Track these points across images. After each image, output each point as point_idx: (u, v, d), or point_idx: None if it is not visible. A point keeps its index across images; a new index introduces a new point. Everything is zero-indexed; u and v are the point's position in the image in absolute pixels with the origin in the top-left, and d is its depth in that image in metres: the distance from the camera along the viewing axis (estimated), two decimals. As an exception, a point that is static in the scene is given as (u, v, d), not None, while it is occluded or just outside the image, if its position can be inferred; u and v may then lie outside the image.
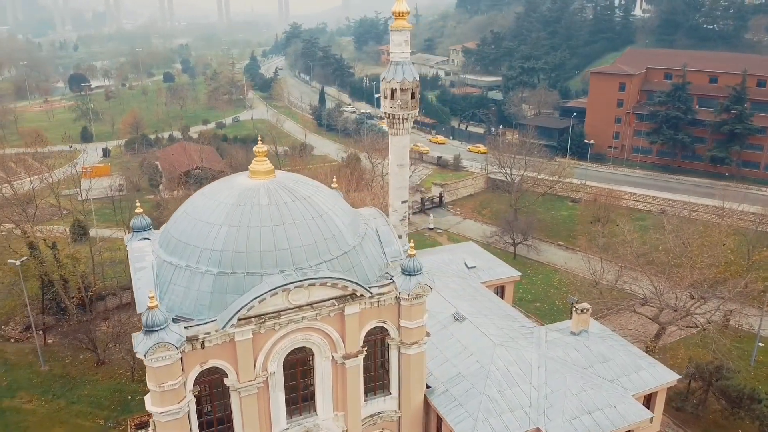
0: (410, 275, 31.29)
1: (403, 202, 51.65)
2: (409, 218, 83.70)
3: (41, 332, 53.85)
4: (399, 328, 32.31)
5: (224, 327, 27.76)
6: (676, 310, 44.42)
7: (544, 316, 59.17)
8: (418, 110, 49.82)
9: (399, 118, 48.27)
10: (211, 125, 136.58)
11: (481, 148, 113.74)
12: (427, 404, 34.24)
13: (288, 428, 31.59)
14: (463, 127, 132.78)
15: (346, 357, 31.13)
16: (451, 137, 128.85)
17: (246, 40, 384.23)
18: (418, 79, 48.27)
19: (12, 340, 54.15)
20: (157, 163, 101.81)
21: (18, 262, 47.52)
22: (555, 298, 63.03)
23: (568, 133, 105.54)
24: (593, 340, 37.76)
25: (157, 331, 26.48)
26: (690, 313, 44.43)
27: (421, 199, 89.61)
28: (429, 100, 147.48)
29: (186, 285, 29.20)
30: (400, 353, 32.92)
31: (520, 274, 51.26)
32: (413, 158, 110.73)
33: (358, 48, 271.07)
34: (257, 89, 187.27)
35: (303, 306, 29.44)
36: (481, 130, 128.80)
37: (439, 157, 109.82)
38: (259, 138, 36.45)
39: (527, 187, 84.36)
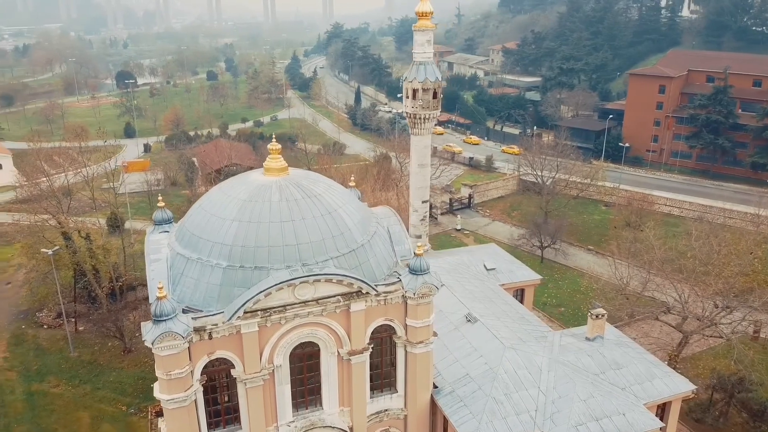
0: (417, 274, 31.36)
1: (424, 201, 51.79)
2: (437, 219, 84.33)
3: (73, 320, 55.92)
4: (405, 326, 32.42)
5: (230, 319, 28.43)
6: (699, 319, 43.18)
7: (568, 321, 58.26)
8: (439, 110, 49.83)
9: (420, 118, 48.45)
10: (249, 123, 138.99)
11: (516, 149, 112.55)
12: (434, 404, 34.28)
13: (294, 421, 32.09)
14: (498, 127, 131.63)
15: (352, 353, 31.44)
16: (486, 138, 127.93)
17: (290, 40, 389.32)
18: (440, 79, 48.30)
19: (45, 327, 56.42)
20: (193, 159, 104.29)
21: (50, 252, 49.52)
22: (580, 304, 61.95)
23: (605, 136, 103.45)
24: (608, 347, 37.10)
25: (164, 320, 27.29)
26: (714, 323, 43.12)
27: (450, 199, 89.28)
28: (465, 100, 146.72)
29: (197, 277, 29.98)
30: (406, 352, 33.04)
31: (540, 277, 50.68)
32: (445, 158, 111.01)
33: (399, 48, 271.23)
34: (296, 88, 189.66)
35: (309, 301, 29.87)
36: (516, 131, 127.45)
37: (471, 158, 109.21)
38: (273, 136, 37.06)
39: (559, 190, 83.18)
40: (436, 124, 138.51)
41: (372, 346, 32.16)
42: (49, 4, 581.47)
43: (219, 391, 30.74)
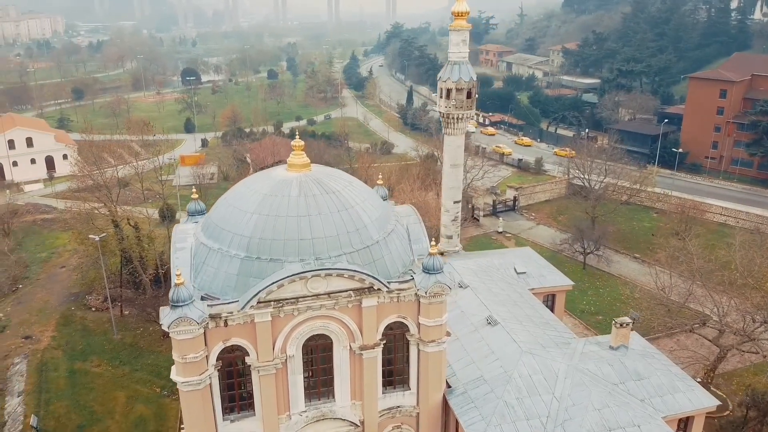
0: (430, 273, 31.44)
1: (455, 202, 51.71)
2: (478, 220, 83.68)
3: (118, 304, 58.80)
4: (418, 325, 32.58)
5: (243, 308, 29.41)
6: (736, 334, 41.30)
7: (604, 329, 56.59)
8: (474, 110, 49.60)
9: (453, 118, 48.40)
10: (303, 122, 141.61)
11: (569, 151, 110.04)
12: (446, 403, 34.29)
13: (306, 411, 32.81)
14: (552, 129, 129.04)
15: (363, 348, 31.89)
16: (539, 140, 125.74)
17: (351, 39, 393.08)
18: (475, 79, 48.05)
19: (93, 309, 59.59)
20: (246, 155, 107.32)
21: (98, 238, 52.29)
22: (620, 313, 59.93)
23: (659, 141, 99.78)
24: (631, 357, 36.07)
25: (181, 306, 28.48)
26: (752, 338, 41.13)
27: (494, 201, 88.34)
28: (520, 101, 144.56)
29: (217, 266, 31.15)
30: (419, 350, 33.19)
31: (572, 283, 49.66)
32: (493, 159, 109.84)
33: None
34: (352, 88, 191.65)
35: (321, 295, 30.49)
36: (570, 134, 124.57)
37: (520, 160, 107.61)
38: (297, 134, 37.90)
39: (608, 195, 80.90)
40: (487, 125, 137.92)
41: (384, 342, 32.52)
42: (124, 3, 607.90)
43: (234, 377, 31.80)
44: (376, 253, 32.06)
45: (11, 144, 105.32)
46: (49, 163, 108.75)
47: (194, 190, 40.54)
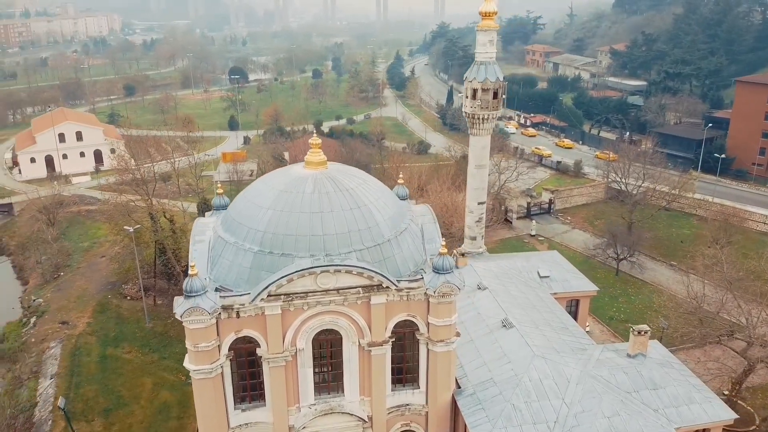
0: (439, 273, 31.52)
1: (480, 203, 51.45)
2: (512, 222, 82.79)
3: (152, 294, 60.79)
4: (428, 324, 32.68)
5: (254, 300, 30.18)
6: (764, 346, 39.79)
7: (632, 337, 55.37)
8: (500, 111, 49.24)
9: (479, 119, 48.17)
10: (343, 121, 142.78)
11: (611, 155, 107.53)
12: (455, 404, 34.26)
13: (315, 404, 33.40)
14: (595, 131, 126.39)
15: (372, 344, 32.22)
16: (581, 142, 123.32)
17: (398, 39, 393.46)
18: (501, 79, 47.69)
19: (128, 298, 61.82)
20: (285, 152, 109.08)
21: (132, 230, 54.23)
22: (650, 321, 58.34)
23: (703, 146, 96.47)
24: (648, 365, 35.25)
25: (193, 296, 29.44)
26: (782, 352, 39.55)
27: (528, 203, 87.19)
28: (563, 102, 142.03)
29: (231, 259, 32.06)
30: (428, 349, 33.30)
31: (596, 288, 48.75)
32: (532, 161, 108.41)
33: (504, 48, 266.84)
34: (394, 87, 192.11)
35: (330, 290, 30.98)
36: (614, 137, 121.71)
37: (559, 162, 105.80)
38: (314, 131, 38.43)
39: (649, 200, 78.77)
40: (528, 126, 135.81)
41: (393, 339, 32.76)
42: (179, 2, 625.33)
43: (245, 368, 32.58)
44: (386, 251, 32.35)
45: (62, 137, 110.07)
46: (98, 156, 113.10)
47: (219, 185, 41.61)
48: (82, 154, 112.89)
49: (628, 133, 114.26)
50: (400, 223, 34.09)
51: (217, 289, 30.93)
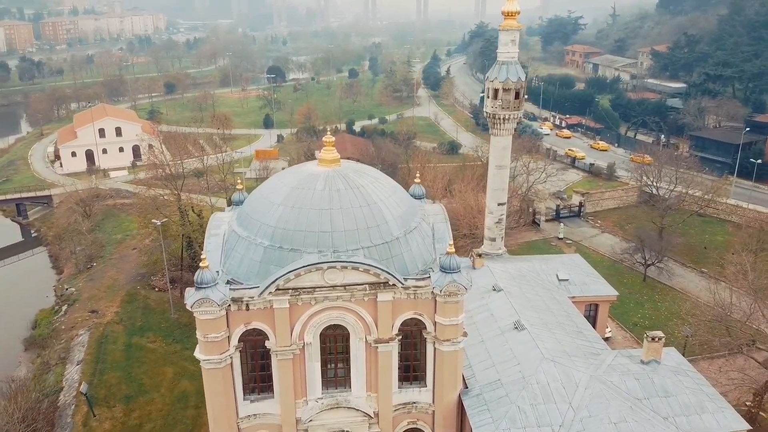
0: (446, 272, 31.58)
1: (500, 204, 51.20)
2: (539, 225, 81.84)
3: (179, 286, 62.31)
4: (434, 323, 32.76)
5: (262, 293, 30.82)
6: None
7: (655, 344, 54.16)
8: (522, 111, 48.86)
9: (500, 119, 47.92)
10: (375, 120, 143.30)
11: (646, 158, 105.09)
12: (462, 403, 34.26)
13: (322, 398, 33.88)
14: (631, 134, 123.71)
15: (378, 341, 32.52)
16: (616, 144, 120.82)
17: (436, 39, 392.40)
18: (523, 79, 47.39)
19: (156, 289, 63.56)
20: (316, 151, 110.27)
21: (159, 223, 55.76)
22: (675, 329, 57.19)
23: (746, 150, 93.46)
24: (661, 372, 34.54)
25: (204, 288, 30.28)
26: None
27: (557, 206, 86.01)
28: (599, 103, 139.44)
29: (243, 253, 32.78)
30: (435, 348, 33.38)
31: (616, 293, 47.96)
32: (564, 163, 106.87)
33: (544, 48, 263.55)
34: (429, 87, 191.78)
35: (337, 286, 31.40)
36: (650, 140, 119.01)
37: (592, 164, 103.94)
38: (328, 130, 38.90)
39: (681, 205, 76.81)
40: (563, 127, 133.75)
41: (400, 337, 32.98)
42: (223, 1, 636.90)
43: (255, 359, 33.27)
44: (394, 249, 32.56)
45: (102, 132, 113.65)
46: (136, 151, 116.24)
47: (239, 181, 42.49)
48: (120, 149, 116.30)
49: (662, 136, 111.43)
50: (410, 221, 34.24)
51: (228, 282, 31.66)
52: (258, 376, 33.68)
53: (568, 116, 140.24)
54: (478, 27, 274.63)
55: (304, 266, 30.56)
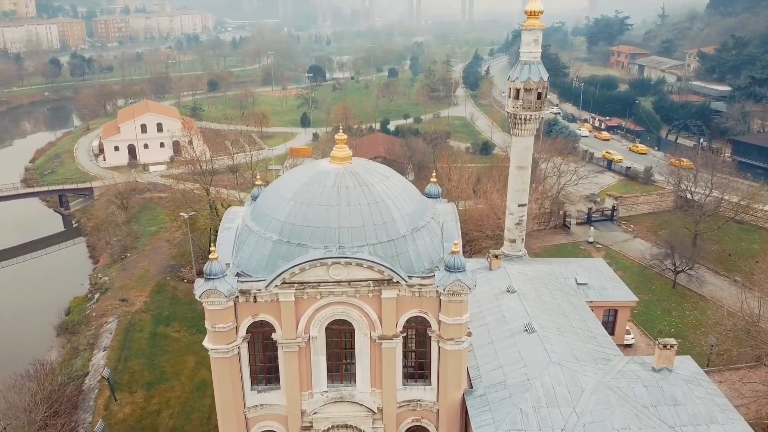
0: (450, 272, 31.60)
1: (521, 205, 50.86)
2: (569, 228, 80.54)
3: (205, 278, 63.77)
4: (439, 322, 32.83)
5: (268, 286, 31.50)
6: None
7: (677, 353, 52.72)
8: (543, 112, 48.33)
9: (521, 119, 47.56)
10: (410, 120, 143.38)
11: (685, 162, 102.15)
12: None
13: (327, 391, 34.38)
14: (672, 137, 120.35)
15: (382, 338, 32.81)
16: (656, 148, 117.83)
17: (480, 38, 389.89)
18: (545, 80, 46.98)
19: (185, 281, 65.31)
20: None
21: (186, 216, 57.34)
22: (702, 339, 55.60)
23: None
24: (671, 381, 33.74)
25: (212, 279, 31.18)
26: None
27: (589, 209, 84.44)
28: (641, 106, 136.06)
29: (253, 247, 33.59)
30: (439, 347, 33.44)
31: (636, 299, 47.10)
32: (600, 166, 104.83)
33: (590, 48, 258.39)
34: (468, 87, 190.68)
35: (342, 282, 31.82)
36: (692, 143, 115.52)
37: (628, 167, 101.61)
38: (340, 128, 39.33)
39: (721, 211, 74.45)
40: (603, 129, 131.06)
41: (404, 334, 33.20)
42: (270, 1, 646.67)
43: (262, 351, 34.00)
44: (400, 246, 32.79)
45: (143, 128, 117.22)
46: (176, 147, 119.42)
47: (258, 176, 43.35)
48: (161, 145, 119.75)
49: (702, 140, 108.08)
50: (419, 220, 34.39)
51: (238, 274, 32.47)
52: (265, 367, 34.42)
53: (608, 118, 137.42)
54: (520, 26, 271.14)
55: (308, 261, 31.09)
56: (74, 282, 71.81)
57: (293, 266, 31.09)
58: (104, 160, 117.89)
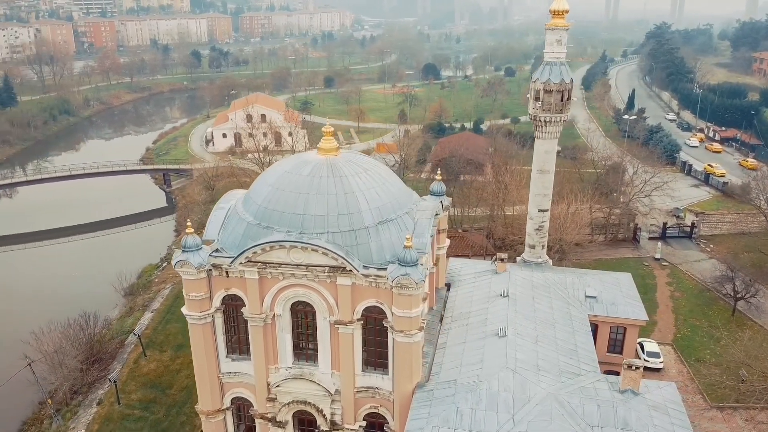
0: (401, 265, 32.39)
1: (541, 210, 49.65)
2: (638, 242, 75.79)
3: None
4: (393, 313, 33.75)
5: (232, 263, 34.34)
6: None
7: (708, 387, 48.65)
8: (567, 115, 46.67)
9: (542, 121, 46.51)
10: (507, 120, 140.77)
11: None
12: (421, 396, 34.76)
13: (292, 367, 36.63)
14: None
15: (339, 323, 34.44)
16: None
17: (618, 38, 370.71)
18: (568, 81, 45.38)
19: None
20: (432, 147, 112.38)
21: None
22: (741, 372, 50.53)
23: None
24: (632, 404, 31.97)
25: (186, 251, 34.57)
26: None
27: (664, 223, 78.70)
28: (766, 117, 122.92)
29: (234, 227, 36.61)
30: (392, 338, 34.37)
31: (645, 318, 44.08)
32: (698, 179, 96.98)
33: (733, 53, 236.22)
34: (585, 89, 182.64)
35: (301, 265, 33.85)
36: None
37: (725, 183, 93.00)
38: (327, 121, 40.97)
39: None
40: (715, 140, 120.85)
41: (362, 321, 34.53)
42: (409, 0, 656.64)
43: (237, 323, 36.94)
44: (362, 237, 34.14)
45: (249, 118, 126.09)
46: (277, 137, 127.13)
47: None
48: (264, 135, 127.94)
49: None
50: (390, 213, 35.43)
51: (217, 250, 35.61)
52: (239, 338, 37.36)
53: (723, 129, 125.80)
54: (656, 27, 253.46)
55: (268, 242, 33.48)
56: (156, 252, 80.00)
57: (254, 246, 33.64)
58: (213, 145, 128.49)
